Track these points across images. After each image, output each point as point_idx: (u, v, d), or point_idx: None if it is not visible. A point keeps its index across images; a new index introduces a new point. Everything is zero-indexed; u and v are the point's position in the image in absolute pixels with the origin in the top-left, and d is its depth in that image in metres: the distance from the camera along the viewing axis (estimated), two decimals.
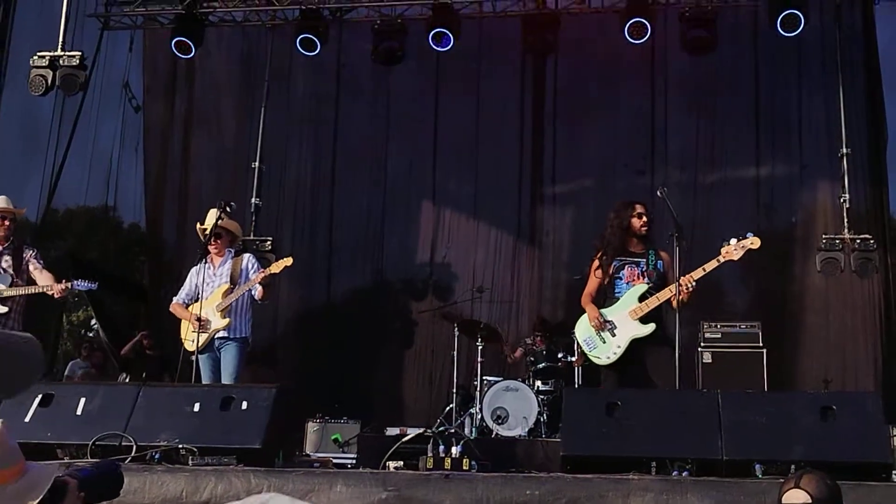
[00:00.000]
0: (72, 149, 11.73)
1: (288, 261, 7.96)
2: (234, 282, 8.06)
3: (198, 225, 8.39)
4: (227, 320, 7.93)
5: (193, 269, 8.28)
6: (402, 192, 12.69)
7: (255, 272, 8.08)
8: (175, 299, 8.36)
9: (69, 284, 7.70)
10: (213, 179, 12.53)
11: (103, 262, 13.77)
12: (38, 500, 2.34)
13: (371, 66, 11.99)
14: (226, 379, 7.81)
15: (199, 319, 7.75)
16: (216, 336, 7.95)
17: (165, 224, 13.04)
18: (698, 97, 12.19)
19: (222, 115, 12.97)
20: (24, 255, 7.94)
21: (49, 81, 10.32)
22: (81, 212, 14.69)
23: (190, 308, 8.05)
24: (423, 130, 12.62)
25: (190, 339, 7.82)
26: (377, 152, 12.67)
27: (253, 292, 8.00)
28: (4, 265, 7.86)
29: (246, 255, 8.46)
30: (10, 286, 7.76)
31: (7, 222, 7.99)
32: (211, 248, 8.14)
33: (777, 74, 11.92)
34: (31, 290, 7.78)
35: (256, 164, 11.45)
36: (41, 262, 8.00)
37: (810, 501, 3.20)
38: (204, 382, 7.63)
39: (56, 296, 7.71)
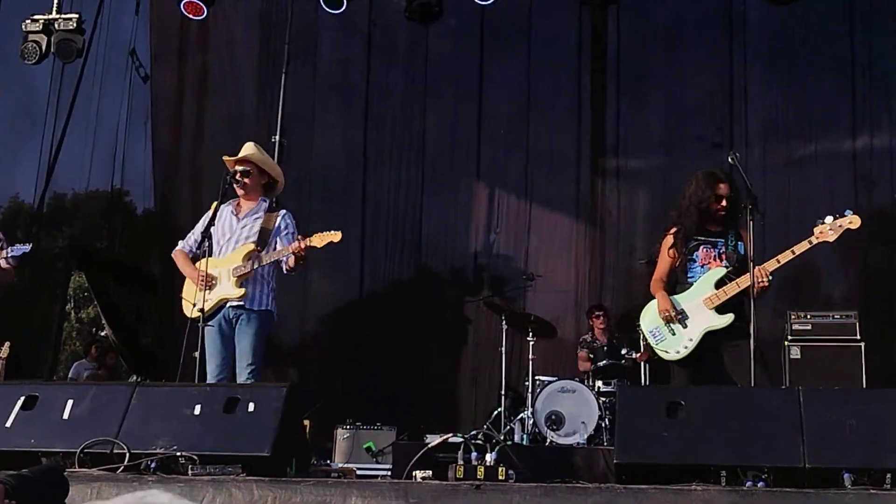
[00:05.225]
0: (72, 125, 11.77)
1: (336, 235, 7.15)
2: (262, 242, 7.40)
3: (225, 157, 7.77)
4: (244, 290, 7.25)
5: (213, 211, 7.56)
6: (442, 168, 12.57)
7: (287, 236, 7.46)
8: (181, 245, 7.64)
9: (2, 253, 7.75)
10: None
11: (112, 252, 13.76)
12: None
13: (406, 25, 11.87)
14: (241, 358, 7.17)
15: (206, 277, 7.18)
16: (228, 305, 7.30)
17: (178, 206, 12.88)
18: (782, 56, 11.89)
19: (239, 84, 12.93)
20: None
21: (43, 48, 10.34)
22: (90, 196, 14.69)
23: (198, 264, 7.37)
24: (465, 98, 12.49)
25: (193, 302, 7.21)
26: (414, 123, 12.56)
27: (282, 262, 7.35)
28: None
29: (282, 212, 7.60)
30: None
31: None
32: (236, 188, 7.49)
33: (874, 27, 11.57)
34: None
35: (277, 136, 11.34)
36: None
37: None
38: (207, 357, 7.19)
39: None
